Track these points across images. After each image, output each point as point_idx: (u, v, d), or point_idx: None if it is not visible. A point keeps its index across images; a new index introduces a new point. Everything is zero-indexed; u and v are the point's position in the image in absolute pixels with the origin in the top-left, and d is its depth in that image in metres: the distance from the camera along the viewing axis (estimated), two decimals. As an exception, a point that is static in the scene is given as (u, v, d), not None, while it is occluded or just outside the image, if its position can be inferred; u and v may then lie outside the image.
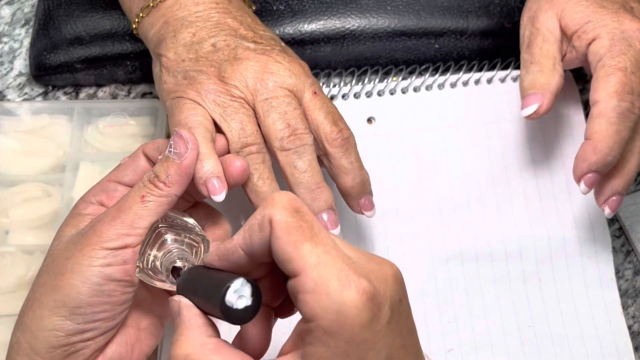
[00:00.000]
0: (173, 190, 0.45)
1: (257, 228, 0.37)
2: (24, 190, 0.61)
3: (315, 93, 0.52)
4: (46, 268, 0.45)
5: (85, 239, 0.44)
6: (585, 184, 0.54)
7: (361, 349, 0.35)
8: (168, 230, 0.46)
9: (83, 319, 0.43)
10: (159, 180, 0.45)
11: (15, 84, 0.68)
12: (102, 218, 0.44)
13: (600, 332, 0.59)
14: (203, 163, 0.47)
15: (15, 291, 0.58)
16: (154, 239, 0.45)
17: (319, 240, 0.36)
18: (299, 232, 0.36)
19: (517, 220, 0.62)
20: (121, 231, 0.43)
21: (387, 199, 0.62)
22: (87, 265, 0.43)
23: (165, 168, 0.45)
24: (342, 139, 0.52)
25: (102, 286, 0.43)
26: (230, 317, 0.37)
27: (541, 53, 0.58)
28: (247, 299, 0.37)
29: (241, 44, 0.52)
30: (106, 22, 0.66)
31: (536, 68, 0.58)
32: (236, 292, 0.37)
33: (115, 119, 0.64)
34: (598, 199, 0.57)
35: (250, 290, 0.37)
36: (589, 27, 0.57)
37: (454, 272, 0.60)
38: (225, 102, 0.50)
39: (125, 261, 0.43)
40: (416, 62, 0.68)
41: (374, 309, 0.35)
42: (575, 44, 0.58)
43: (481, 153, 0.64)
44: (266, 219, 0.37)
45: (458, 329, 0.59)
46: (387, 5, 0.67)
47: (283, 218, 0.36)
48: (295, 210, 0.37)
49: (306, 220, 0.36)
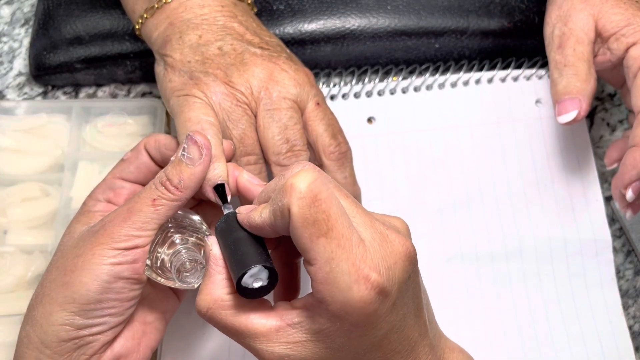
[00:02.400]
0: (185, 195, 0.45)
1: (279, 214, 0.39)
2: (22, 190, 0.61)
3: (318, 104, 0.53)
4: (56, 263, 0.46)
5: (96, 237, 0.44)
6: (633, 191, 0.54)
7: (364, 329, 0.39)
8: (177, 230, 0.47)
9: (92, 314, 0.44)
10: (172, 184, 0.45)
11: (14, 83, 0.68)
12: (113, 218, 0.45)
13: (600, 333, 0.59)
14: (214, 165, 0.47)
15: (14, 291, 0.58)
16: (162, 239, 0.46)
17: (334, 233, 0.38)
18: (316, 227, 0.37)
19: (517, 220, 0.62)
20: (132, 232, 0.44)
21: (387, 199, 0.62)
22: (97, 263, 0.44)
23: (178, 172, 0.45)
24: (339, 153, 0.53)
25: (111, 284, 0.44)
26: (244, 294, 0.40)
27: (575, 55, 0.57)
28: (262, 281, 0.40)
29: (248, 49, 0.52)
30: (106, 22, 0.66)
31: (571, 71, 0.56)
32: (253, 277, 0.40)
33: (114, 118, 0.64)
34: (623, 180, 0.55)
35: (266, 274, 0.40)
36: (629, 30, 0.56)
37: (454, 272, 0.60)
38: (230, 106, 0.50)
39: (135, 260, 0.44)
40: (416, 62, 0.68)
41: (380, 299, 0.38)
42: (613, 46, 0.57)
43: (481, 153, 0.64)
44: (285, 208, 0.38)
45: (458, 329, 0.59)
46: (387, 5, 0.67)
47: (300, 210, 0.37)
48: (313, 199, 0.38)
49: (323, 210, 0.38)
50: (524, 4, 0.68)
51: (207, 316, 0.41)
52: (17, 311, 0.57)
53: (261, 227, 0.41)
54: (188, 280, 0.46)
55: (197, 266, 0.46)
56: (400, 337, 0.40)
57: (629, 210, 0.56)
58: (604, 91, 0.70)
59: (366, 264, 0.38)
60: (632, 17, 0.56)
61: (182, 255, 0.45)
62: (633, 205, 0.56)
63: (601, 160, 0.67)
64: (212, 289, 0.42)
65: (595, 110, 0.69)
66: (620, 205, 0.56)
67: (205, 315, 0.41)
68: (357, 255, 0.38)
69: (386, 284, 0.38)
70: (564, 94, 0.56)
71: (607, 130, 0.68)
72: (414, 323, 0.41)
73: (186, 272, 0.45)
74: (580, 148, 0.64)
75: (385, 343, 0.40)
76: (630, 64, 0.55)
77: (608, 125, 0.69)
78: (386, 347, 0.40)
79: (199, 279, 0.46)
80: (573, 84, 0.56)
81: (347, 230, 0.38)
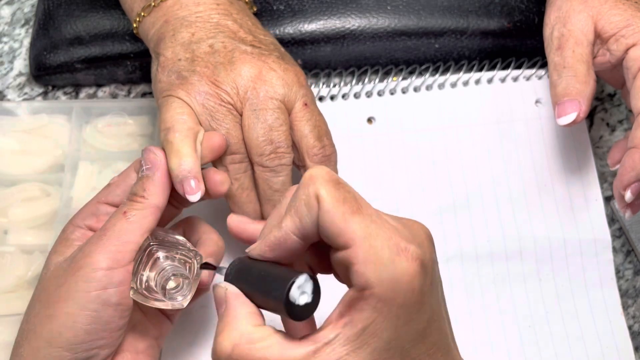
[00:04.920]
0: (153, 201, 0.45)
1: (304, 208, 0.38)
2: (22, 190, 0.61)
3: (306, 105, 0.52)
4: (38, 297, 0.45)
5: (75, 263, 0.43)
6: (632, 192, 0.54)
7: (411, 311, 0.37)
8: (159, 248, 0.45)
9: (81, 347, 0.42)
10: (137, 196, 0.45)
11: (15, 84, 0.68)
12: (89, 241, 0.44)
13: (600, 332, 0.59)
14: (181, 161, 0.47)
15: (14, 291, 0.58)
16: (146, 258, 0.45)
17: (365, 210, 0.37)
18: (347, 205, 0.37)
19: (517, 220, 0.62)
20: (110, 248, 0.43)
21: (387, 199, 0.62)
22: (82, 290, 0.42)
23: (141, 185, 0.46)
24: (323, 155, 0.52)
25: (99, 312, 0.42)
26: (292, 313, 0.38)
27: (574, 57, 0.57)
28: (308, 296, 0.38)
29: (239, 47, 0.52)
30: (106, 22, 0.66)
31: (570, 73, 0.56)
32: (300, 288, 0.38)
33: (114, 119, 0.64)
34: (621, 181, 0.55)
35: (312, 287, 0.38)
36: (629, 31, 0.56)
37: (454, 272, 0.60)
38: (214, 106, 0.50)
39: (121, 282, 0.43)
40: (416, 62, 0.68)
41: (424, 273, 0.37)
42: (612, 47, 0.57)
43: (481, 153, 0.64)
44: (312, 196, 0.37)
45: (458, 329, 0.59)
46: (387, 5, 0.67)
47: (329, 191, 0.37)
48: (336, 182, 0.37)
49: (349, 191, 0.38)
50: (524, 4, 0.68)
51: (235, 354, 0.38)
52: (17, 311, 0.57)
53: (283, 240, 0.39)
54: (176, 297, 0.44)
55: (184, 282, 0.44)
56: (439, 327, 0.39)
57: (628, 210, 0.56)
58: (604, 91, 0.70)
59: (401, 238, 0.37)
60: (632, 18, 0.56)
61: (167, 271, 0.44)
62: (632, 206, 0.56)
63: (601, 160, 0.67)
64: (235, 324, 0.39)
65: (595, 110, 0.69)
66: (620, 206, 0.56)
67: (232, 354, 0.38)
68: (390, 229, 0.37)
69: (424, 256, 0.37)
70: (563, 95, 0.56)
71: (606, 130, 0.68)
72: (445, 316, 0.40)
73: (173, 290, 0.44)
74: (579, 148, 0.64)
75: (428, 332, 0.38)
76: (630, 65, 0.55)
77: (608, 125, 0.69)
78: (429, 338, 0.39)
79: (187, 296, 0.44)
80: (572, 85, 0.56)
81: (373, 209, 0.38)
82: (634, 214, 0.56)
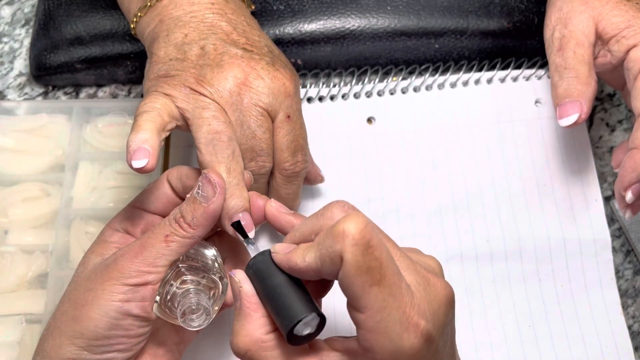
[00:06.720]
0: (197, 233, 0.45)
1: (328, 260, 0.38)
2: (23, 190, 0.61)
3: (288, 117, 0.52)
4: (69, 295, 0.46)
5: (107, 272, 0.45)
6: (633, 193, 0.54)
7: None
8: (187, 270, 0.46)
9: (100, 349, 0.44)
10: (185, 222, 0.45)
11: (15, 84, 0.68)
12: (125, 252, 0.45)
13: (600, 332, 0.59)
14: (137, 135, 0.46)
15: (15, 291, 0.58)
16: (173, 277, 0.46)
17: (386, 281, 0.37)
18: (369, 276, 0.37)
19: (517, 220, 0.62)
20: (142, 268, 0.44)
21: (387, 199, 0.62)
22: (106, 299, 0.44)
23: (192, 209, 0.45)
24: (292, 172, 0.53)
25: (119, 320, 0.44)
26: (291, 341, 0.40)
27: (576, 58, 0.56)
28: (311, 328, 0.40)
29: (229, 50, 0.51)
30: (106, 22, 0.66)
31: (571, 74, 0.56)
32: (306, 325, 0.40)
33: (114, 118, 0.64)
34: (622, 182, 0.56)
35: (317, 322, 0.40)
36: (630, 32, 0.56)
37: (454, 272, 0.60)
38: (196, 102, 0.50)
39: (144, 298, 0.44)
40: (416, 62, 0.68)
41: (427, 345, 0.38)
42: (613, 48, 0.56)
43: (481, 153, 0.64)
44: (337, 255, 0.37)
45: (458, 329, 0.59)
46: (387, 5, 0.67)
47: (354, 258, 0.37)
48: (366, 246, 0.37)
49: (376, 257, 0.37)
50: (524, 4, 0.68)
51: (247, 357, 0.41)
52: (18, 311, 0.57)
53: (304, 271, 0.40)
54: (192, 323, 0.45)
55: (203, 311, 0.45)
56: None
57: (629, 211, 0.56)
58: (604, 91, 0.70)
59: (415, 311, 0.37)
60: (633, 19, 0.56)
61: (191, 299, 0.45)
62: (632, 206, 0.56)
63: (600, 160, 0.67)
64: (250, 329, 0.41)
65: (595, 110, 0.69)
66: (620, 206, 0.56)
67: (245, 356, 0.41)
68: (407, 302, 0.37)
69: (432, 330, 0.38)
70: (565, 97, 0.56)
71: (606, 130, 0.68)
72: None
73: (192, 315, 0.45)
74: (579, 148, 0.64)
75: None
76: (631, 66, 0.55)
77: (607, 125, 0.69)
78: None
79: (203, 323, 0.45)
80: (574, 86, 0.56)
81: (397, 277, 0.38)
82: (634, 214, 0.56)
